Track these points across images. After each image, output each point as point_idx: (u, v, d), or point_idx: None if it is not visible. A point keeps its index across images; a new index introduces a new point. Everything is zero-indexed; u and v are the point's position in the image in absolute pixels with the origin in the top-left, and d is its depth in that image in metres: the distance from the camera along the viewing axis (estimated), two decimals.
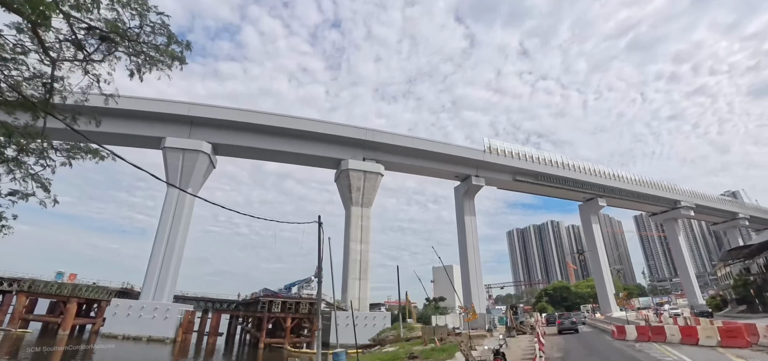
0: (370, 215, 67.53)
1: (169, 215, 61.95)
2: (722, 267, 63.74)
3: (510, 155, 79.03)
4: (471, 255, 73.67)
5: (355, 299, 60.78)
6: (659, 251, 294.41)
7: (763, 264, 48.81)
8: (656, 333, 27.70)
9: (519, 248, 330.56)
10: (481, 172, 77.13)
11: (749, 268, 56.19)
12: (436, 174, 77.53)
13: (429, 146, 70.73)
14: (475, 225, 77.47)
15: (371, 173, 67.35)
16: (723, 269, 63.88)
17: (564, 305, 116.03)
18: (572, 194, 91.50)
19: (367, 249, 64.86)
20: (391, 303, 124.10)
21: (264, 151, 67.39)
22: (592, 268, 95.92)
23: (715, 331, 22.95)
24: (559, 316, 53.12)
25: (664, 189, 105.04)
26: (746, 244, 57.91)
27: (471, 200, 78.72)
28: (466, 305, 49.11)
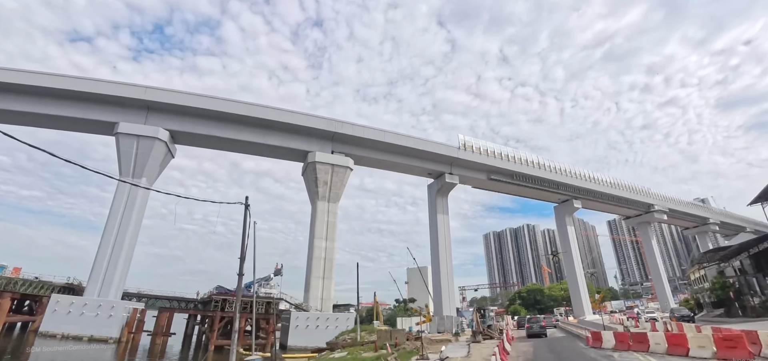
0: (337, 211, 64.23)
1: (121, 206, 57.42)
2: (696, 270, 62.77)
3: (485, 153, 76.83)
4: (443, 254, 71.16)
5: (317, 299, 57.59)
6: (631, 255, 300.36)
7: (738, 267, 47.65)
8: (638, 341, 24.42)
9: (495, 250, 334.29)
10: (455, 170, 74.72)
11: (724, 271, 55.20)
12: (409, 171, 74.74)
13: (401, 141, 67.82)
14: (448, 224, 75.04)
15: (339, 167, 64.06)
16: (697, 271, 62.91)
17: (537, 307, 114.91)
18: (548, 194, 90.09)
19: (333, 247, 61.58)
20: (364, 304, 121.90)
21: (227, 140, 63.32)
22: (566, 270, 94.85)
23: (710, 340, 19.71)
24: (528, 320, 51.17)
25: (638, 193, 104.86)
26: (722, 246, 56.68)
27: (444, 198, 76.27)
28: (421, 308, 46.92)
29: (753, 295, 42.92)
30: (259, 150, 65.98)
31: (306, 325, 52.98)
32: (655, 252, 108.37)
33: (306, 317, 53.58)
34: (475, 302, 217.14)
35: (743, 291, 45.08)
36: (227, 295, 52.06)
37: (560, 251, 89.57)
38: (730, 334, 19.76)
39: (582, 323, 63.16)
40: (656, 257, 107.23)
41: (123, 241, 55.91)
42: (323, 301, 57.75)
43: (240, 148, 66.23)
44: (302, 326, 52.87)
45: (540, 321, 47.87)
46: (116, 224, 56.34)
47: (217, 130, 62.06)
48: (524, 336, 45.53)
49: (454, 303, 69.27)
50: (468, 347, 31.31)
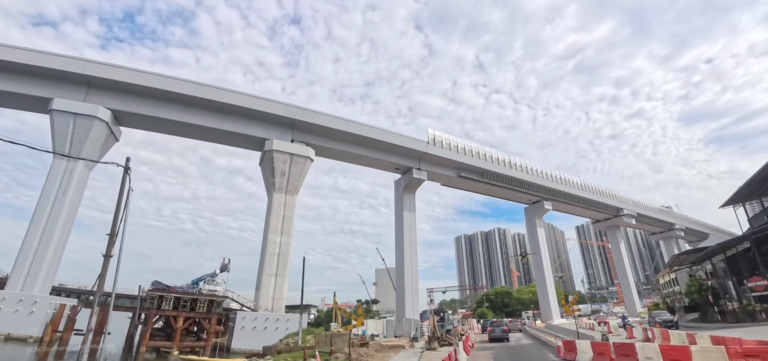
0: (295, 204, 60.06)
1: (53, 190, 51.75)
2: (667, 273, 61.64)
3: (455, 149, 74.00)
4: (408, 253, 67.92)
5: (268, 298, 53.38)
6: (598, 260, 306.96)
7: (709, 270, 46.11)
8: (623, 354, 18.58)
9: (466, 253, 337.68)
10: (424, 166, 71.59)
11: (695, 274, 54.07)
12: (375, 165, 71.11)
13: (367, 132, 64.15)
14: (414, 222, 71.86)
15: (299, 157, 59.88)
16: (667, 275, 61.79)
17: (505, 310, 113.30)
18: (519, 195, 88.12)
19: (288, 242, 57.44)
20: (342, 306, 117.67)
21: (176, 124, 58.18)
22: (535, 273, 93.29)
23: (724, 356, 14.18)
24: (490, 323, 48.95)
25: (608, 196, 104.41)
26: (697, 247, 55.17)
27: (412, 194, 73.07)
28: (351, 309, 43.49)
29: (730, 299, 41.29)
30: (213, 136, 61.15)
31: (253, 326, 48.76)
32: (623, 256, 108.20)
33: (253, 317, 49.34)
34: (443, 304, 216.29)
35: (720, 295, 43.28)
36: (165, 291, 47.27)
37: (530, 252, 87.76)
38: (754, 349, 14.91)
39: (550, 327, 60.97)
40: (624, 262, 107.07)
41: (54, 229, 50.34)
42: (275, 300, 53.55)
43: (191, 133, 61.22)
44: (248, 328, 48.62)
45: (503, 325, 46.17)
46: (46, 210, 50.68)
47: (165, 111, 56.99)
48: (485, 341, 43.46)
49: (418, 305, 66.19)
50: (420, 355, 27.96)
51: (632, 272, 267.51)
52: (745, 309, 35.30)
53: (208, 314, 48.96)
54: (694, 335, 21.28)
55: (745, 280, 38.06)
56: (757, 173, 43.08)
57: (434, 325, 31.02)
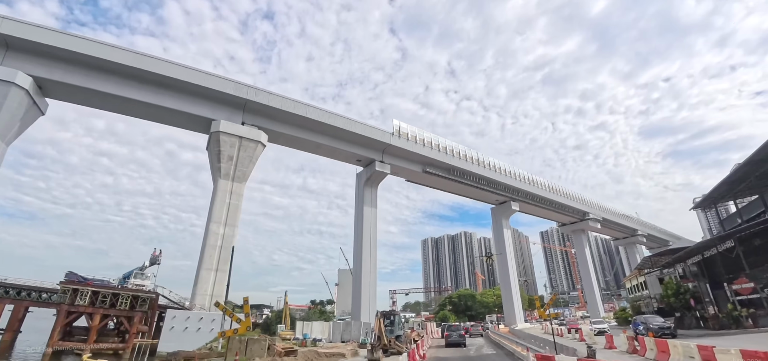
0: (243, 193, 54.50)
1: None
2: (635, 276, 59.72)
3: (421, 143, 70.04)
4: (367, 251, 63.44)
5: (206, 295, 47.74)
6: (560, 265, 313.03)
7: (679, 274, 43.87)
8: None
9: (432, 256, 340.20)
10: (388, 159, 67.30)
11: (670, 277, 52.11)
12: (335, 155, 66.20)
13: (326, 118, 59.23)
14: (375, 218, 67.48)
15: (248, 141, 54.35)
16: (635, 278, 59.89)
17: (468, 313, 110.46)
18: (486, 194, 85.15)
19: (233, 234, 51.88)
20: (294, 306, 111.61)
21: (112, 97, 51.39)
22: (500, 275, 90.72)
23: None
24: (448, 327, 46.80)
25: (575, 200, 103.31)
26: (671, 248, 52.92)
27: (374, 188, 68.65)
28: (229, 305, 38.98)
29: (709, 303, 38.81)
30: (153, 113, 54.68)
31: (184, 326, 43.00)
32: (588, 261, 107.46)
33: (185, 317, 43.61)
34: (407, 306, 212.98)
35: (701, 299, 40.68)
36: (80, 284, 40.95)
37: (495, 253, 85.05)
38: None
39: (515, 333, 57.91)
40: (588, 266, 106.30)
41: None
42: (213, 298, 47.97)
43: (128, 109, 54.54)
44: (179, 328, 42.82)
45: (460, 329, 43.95)
46: None
47: (98, 82, 50.17)
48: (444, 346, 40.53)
49: (376, 306, 61.83)
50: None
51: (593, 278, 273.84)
52: (730, 315, 32.53)
53: (130, 312, 42.83)
54: (711, 348, 16.21)
55: (726, 283, 35.46)
56: (731, 173, 40.94)
57: (380, 330, 26.38)
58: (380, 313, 30.24)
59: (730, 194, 45.08)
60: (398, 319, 32.76)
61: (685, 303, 40.59)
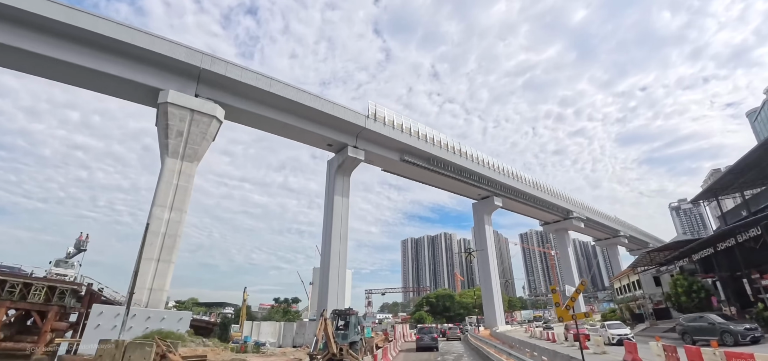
0: (194, 174, 47.85)
1: None
2: (626, 276, 55.47)
3: (399, 128, 64.48)
4: (336, 245, 57.50)
5: (145, 289, 41.07)
6: (539, 267, 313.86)
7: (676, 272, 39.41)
8: None
9: (412, 257, 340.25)
10: (362, 144, 61.49)
11: (659, 278, 47.94)
12: (303, 138, 59.90)
13: (293, 95, 53.06)
14: (347, 209, 61.64)
15: (201, 115, 47.71)
16: (627, 277, 55.66)
17: (446, 315, 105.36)
18: (467, 188, 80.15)
19: (180, 220, 45.25)
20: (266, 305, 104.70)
21: (43, 59, 43.89)
22: (480, 274, 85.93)
23: None
24: (419, 329, 42.80)
25: (559, 197, 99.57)
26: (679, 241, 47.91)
27: (346, 177, 62.76)
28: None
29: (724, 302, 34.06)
30: (92, 80, 47.37)
31: (112, 325, 36.31)
32: (571, 261, 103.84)
33: (114, 313, 36.97)
34: (386, 307, 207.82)
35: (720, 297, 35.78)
36: None
37: (476, 249, 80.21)
38: None
39: (496, 335, 52.86)
40: (572, 266, 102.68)
41: None
42: (153, 292, 41.36)
43: (61, 75, 47.02)
44: (106, 326, 36.07)
45: (433, 331, 39.82)
46: None
47: (26, 41, 42.81)
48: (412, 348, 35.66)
49: (345, 305, 55.96)
50: None
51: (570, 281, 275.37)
52: (761, 315, 27.54)
53: (45, 305, 35.90)
54: None
55: (746, 278, 30.57)
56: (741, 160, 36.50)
57: (329, 336, 20.31)
58: (333, 313, 24.27)
59: (735, 184, 40.81)
60: (355, 321, 25.79)
61: (699, 303, 35.82)
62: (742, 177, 39.36)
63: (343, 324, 25.15)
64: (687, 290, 36.71)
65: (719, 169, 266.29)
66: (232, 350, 30.09)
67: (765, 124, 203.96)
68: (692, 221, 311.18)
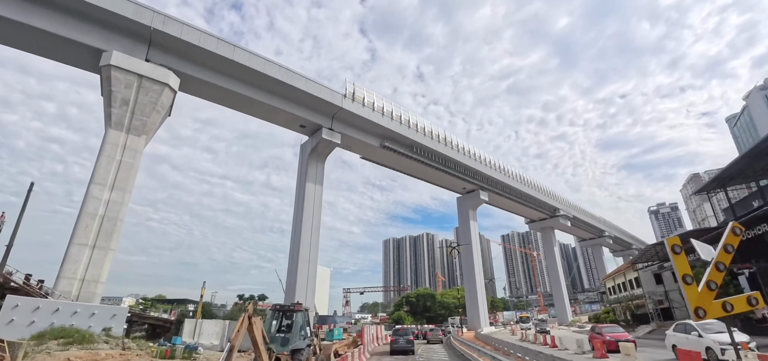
0: (141, 150, 41.64)
1: None
2: (622, 274, 51.37)
3: (380, 111, 59.23)
4: (307, 236, 51.86)
5: (75, 279, 34.85)
6: (520, 268, 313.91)
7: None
8: None
9: (393, 257, 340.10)
10: (338, 126, 56.02)
11: (661, 275, 43.91)
12: (273, 117, 53.93)
13: (260, 66, 47.17)
14: (321, 197, 56.04)
15: (151, 82, 41.48)
16: (623, 276, 51.57)
17: (426, 315, 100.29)
18: (452, 180, 75.35)
19: (123, 202, 38.97)
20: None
21: None
22: (464, 272, 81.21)
23: None
24: (393, 331, 38.51)
25: (546, 194, 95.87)
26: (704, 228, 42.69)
27: (320, 162, 57.20)
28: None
29: None
30: (21, 38, 40.76)
31: (30, 320, 30.18)
32: (557, 261, 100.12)
33: (33, 307, 30.74)
34: (365, 307, 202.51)
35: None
36: None
37: (462, 243, 75.55)
38: None
39: (481, 337, 48.04)
40: (557, 266, 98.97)
41: None
42: (86, 283, 35.16)
43: None
44: (22, 322, 29.90)
45: (408, 333, 36.03)
46: None
47: None
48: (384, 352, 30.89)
49: (313, 301, 50.49)
50: None
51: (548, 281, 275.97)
52: None
53: None
54: None
55: None
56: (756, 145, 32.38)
57: (256, 339, 14.32)
58: (272, 308, 17.95)
59: (748, 171, 36.79)
60: (302, 320, 18.58)
61: None
62: (757, 163, 35.30)
63: (287, 325, 18.68)
64: None
65: (698, 173, 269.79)
66: (155, 354, 24.36)
67: (744, 129, 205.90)
68: (670, 224, 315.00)
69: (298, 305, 17.81)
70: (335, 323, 60.54)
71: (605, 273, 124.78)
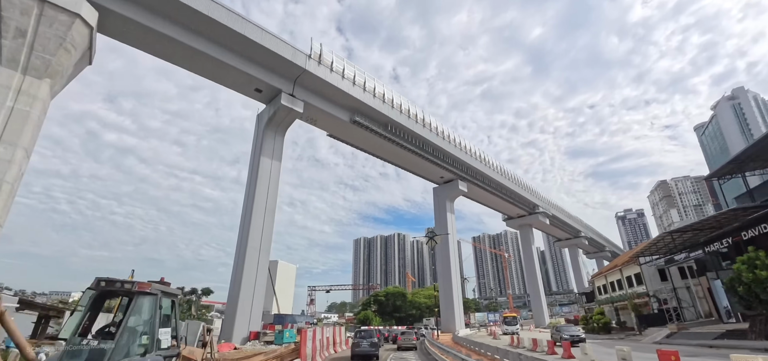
0: (43, 97, 32.54)
1: None
2: (620, 270, 45.69)
3: (350, 80, 51.69)
4: (259, 218, 43.79)
5: None
6: (490, 269, 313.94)
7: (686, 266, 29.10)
8: None
9: (364, 256, 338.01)
10: (301, 93, 48.06)
11: (664, 270, 38.48)
12: (222, 76, 44.99)
13: (205, 8, 38.55)
14: (278, 175, 48.08)
15: (56, 10, 32.44)
16: (619, 272, 45.94)
17: (396, 315, 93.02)
18: (429, 166, 68.50)
19: (13, 160, 29.78)
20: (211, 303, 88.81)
21: None
22: (439, 269, 74.40)
23: None
24: (357, 333, 32.77)
25: (527, 189, 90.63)
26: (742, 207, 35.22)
27: (279, 134, 49.12)
28: None
29: None
30: None
31: None
32: (535, 261, 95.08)
33: None
34: (334, 307, 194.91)
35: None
36: None
37: (440, 233, 68.78)
38: None
39: (463, 341, 41.36)
40: (535, 265, 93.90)
41: None
42: None
43: None
44: None
45: (372, 335, 30.78)
46: None
47: None
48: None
49: (261, 294, 42.55)
50: None
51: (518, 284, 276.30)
52: None
53: None
54: None
55: None
56: None
57: (20, 344, 6.80)
58: (96, 285, 9.11)
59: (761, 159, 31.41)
60: (149, 310, 9.11)
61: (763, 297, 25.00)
62: None
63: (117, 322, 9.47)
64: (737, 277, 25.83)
65: (665, 181, 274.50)
66: None
67: (712, 138, 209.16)
68: (637, 230, 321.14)
69: (141, 285, 8.97)
70: (293, 324, 53.36)
71: (582, 276, 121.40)
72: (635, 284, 42.22)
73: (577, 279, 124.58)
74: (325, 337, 31.04)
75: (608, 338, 39.10)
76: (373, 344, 28.97)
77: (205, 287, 49.57)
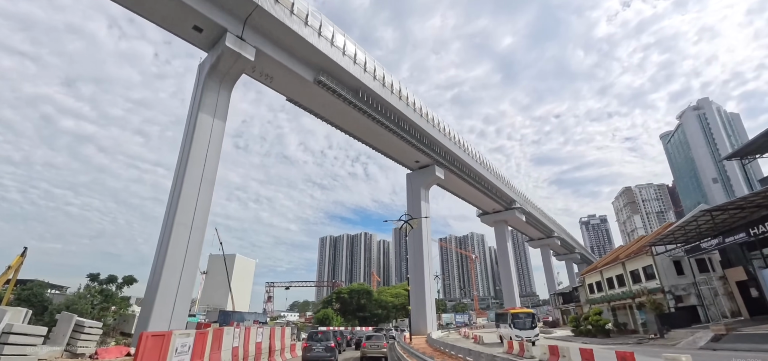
0: None
1: None
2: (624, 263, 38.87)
3: (316, 30, 42.73)
4: (193, 189, 34.16)
5: None
6: (455, 270, 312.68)
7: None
8: None
9: (329, 254, 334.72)
10: (253, 38, 38.53)
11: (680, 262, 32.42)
12: (148, 6, 35.59)
13: None
14: (222, 134, 38.49)
15: None
16: (621, 266, 39.25)
17: (360, 315, 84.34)
18: (404, 147, 60.33)
19: None
20: None
21: None
22: (411, 265, 66.13)
23: None
24: (309, 336, 26.53)
25: (505, 183, 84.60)
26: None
27: (224, 88, 39.43)
28: None
29: None
30: None
31: None
32: (510, 260, 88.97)
33: None
34: (296, 306, 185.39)
35: None
36: None
37: (414, 217, 60.63)
38: None
39: (439, 344, 33.41)
40: (510, 263, 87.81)
41: None
42: None
43: None
44: None
45: (328, 339, 25.29)
46: None
47: None
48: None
49: (193, 282, 33.07)
50: None
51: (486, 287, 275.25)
52: None
53: None
54: None
55: None
56: None
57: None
58: None
59: None
60: None
61: None
62: None
63: None
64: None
65: (630, 187, 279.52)
66: None
67: (677, 146, 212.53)
68: (600, 235, 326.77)
69: None
70: (240, 323, 44.63)
71: (553, 277, 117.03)
72: (644, 279, 35.75)
73: (549, 280, 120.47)
74: (262, 344, 22.02)
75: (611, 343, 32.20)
76: (328, 349, 23.12)
77: (128, 275, 39.12)
